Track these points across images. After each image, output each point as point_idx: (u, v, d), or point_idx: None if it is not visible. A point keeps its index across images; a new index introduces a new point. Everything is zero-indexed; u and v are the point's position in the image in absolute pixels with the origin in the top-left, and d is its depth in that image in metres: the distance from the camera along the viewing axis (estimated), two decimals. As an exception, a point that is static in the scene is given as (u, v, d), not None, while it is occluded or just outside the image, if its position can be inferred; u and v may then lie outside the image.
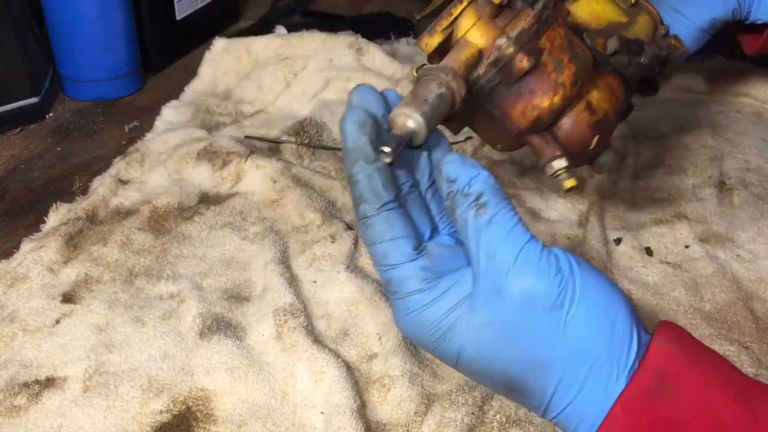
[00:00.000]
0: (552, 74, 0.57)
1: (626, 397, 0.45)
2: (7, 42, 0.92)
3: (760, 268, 0.73)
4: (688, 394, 0.44)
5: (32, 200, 0.83)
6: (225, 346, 0.62)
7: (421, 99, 0.50)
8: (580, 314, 0.46)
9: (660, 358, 0.45)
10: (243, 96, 1.02)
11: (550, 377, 0.46)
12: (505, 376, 0.47)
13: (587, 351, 0.46)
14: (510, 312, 0.46)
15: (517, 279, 0.46)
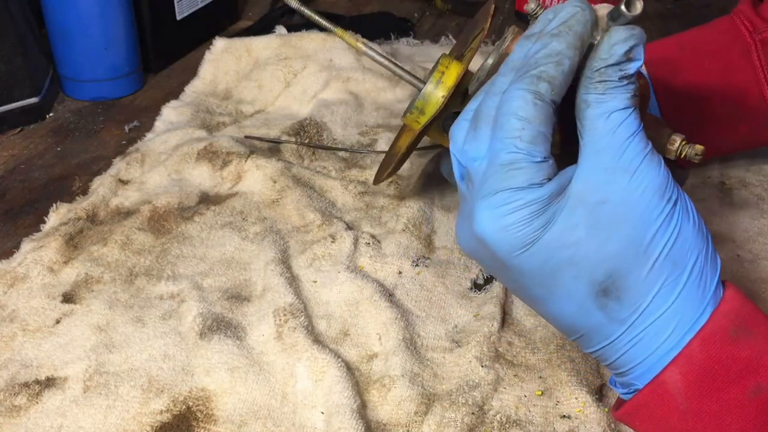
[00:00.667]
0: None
1: (705, 334, 0.44)
2: (7, 42, 0.92)
3: (760, 268, 0.73)
4: (764, 338, 0.45)
5: (32, 200, 0.83)
6: (225, 346, 0.62)
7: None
8: (685, 214, 0.46)
9: (737, 303, 0.46)
10: (243, 96, 1.02)
11: (657, 271, 0.45)
12: (609, 267, 0.45)
13: (693, 250, 0.46)
14: (625, 196, 0.45)
15: (634, 173, 0.45)
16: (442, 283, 0.71)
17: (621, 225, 0.45)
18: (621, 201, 0.45)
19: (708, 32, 0.74)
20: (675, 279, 0.45)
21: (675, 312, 0.45)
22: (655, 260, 0.45)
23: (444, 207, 0.81)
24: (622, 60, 0.47)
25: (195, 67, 1.06)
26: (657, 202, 0.45)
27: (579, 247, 0.45)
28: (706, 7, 1.36)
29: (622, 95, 0.46)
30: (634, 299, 0.45)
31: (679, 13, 1.34)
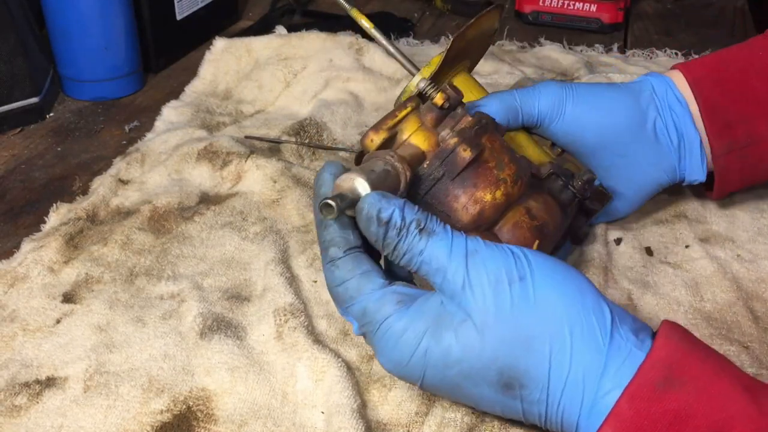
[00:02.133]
0: (494, 170, 0.58)
1: (632, 390, 0.45)
2: (7, 42, 0.92)
3: (760, 268, 0.73)
4: (695, 387, 0.44)
5: (32, 200, 0.83)
6: (225, 346, 0.62)
7: (367, 169, 0.52)
8: (544, 282, 0.48)
9: (667, 352, 0.46)
10: (243, 96, 1.02)
11: (539, 351, 0.47)
12: (497, 367, 0.47)
13: (564, 315, 0.47)
14: (478, 301, 0.47)
15: (475, 268, 0.48)
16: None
17: (488, 331, 0.47)
18: (479, 311, 0.48)
19: (748, 51, 0.73)
20: (560, 349, 0.47)
21: (576, 375, 0.46)
22: (530, 343, 0.47)
23: (444, 207, 0.81)
24: (380, 233, 0.49)
25: (195, 67, 1.06)
26: (509, 292, 0.47)
27: (461, 363, 0.48)
28: (706, 7, 1.36)
29: (416, 246, 0.49)
30: (536, 380, 0.47)
31: (679, 13, 1.35)
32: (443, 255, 0.49)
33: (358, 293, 0.51)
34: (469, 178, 0.57)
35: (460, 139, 0.56)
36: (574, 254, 0.75)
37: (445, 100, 0.57)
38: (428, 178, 0.57)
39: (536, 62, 1.13)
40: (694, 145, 0.71)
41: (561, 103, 0.69)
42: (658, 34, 1.26)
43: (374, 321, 0.50)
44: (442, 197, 0.57)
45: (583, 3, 1.26)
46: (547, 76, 1.07)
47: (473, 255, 0.48)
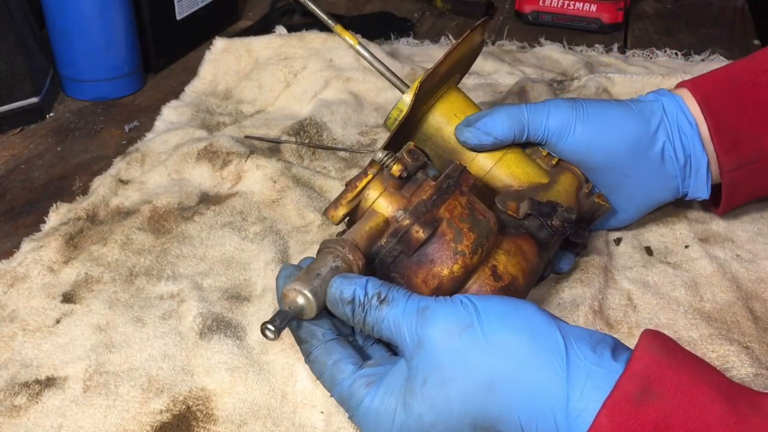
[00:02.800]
0: (451, 243, 0.58)
1: (611, 403, 0.45)
2: (7, 42, 0.92)
3: (760, 268, 0.73)
4: (673, 397, 0.45)
5: (32, 200, 0.83)
6: (225, 346, 0.62)
7: (313, 274, 0.53)
8: (492, 323, 0.49)
9: (644, 364, 0.46)
10: (243, 96, 1.02)
11: (502, 392, 0.47)
12: (469, 420, 0.48)
13: (517, 352, 0.47)
14: (435, 354, 0.48)
15: (426, 326, 0.49)
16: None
17: (449, 385, 0.48)
18: (435, 367, 0.49)
19: (754, 65, 0.72)
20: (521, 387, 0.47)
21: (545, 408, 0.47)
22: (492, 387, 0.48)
23: (444, 207, 0.81)
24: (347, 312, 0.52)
25: (195, 67, 1.06)
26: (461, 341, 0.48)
27: (436, 426, 0.49)
28: (706, 7, 1.36)
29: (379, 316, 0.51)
30: (508, 423, 0.48)
31: (679, 13, 1.35)
32: (399, 318, 0.51)
33: (333, 383, 0.53)
34: (425, 254, 0.58)
35: (413, 219, 0.57)
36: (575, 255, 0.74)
37: (403, 170, 0.58)
38: (388, 255, 0.58)
39: (536, 62, 1.13)
40: (700, 166, 0.71)
41: (570, 122, 0.68)
42: (658, 34, 1.26)
43: (350, 407, 0.52)
44: (402, 272, 0.58)
45: (583, 3, 1.26)
46: (548, 76, 1.07)
47: (423, 312, 0.50)
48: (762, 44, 1.20)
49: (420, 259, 0.58)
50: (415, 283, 0.58)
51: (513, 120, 0.67)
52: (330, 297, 0.53)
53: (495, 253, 0.61)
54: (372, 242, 0.57)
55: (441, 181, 0.59)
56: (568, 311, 0.67)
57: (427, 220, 0.57)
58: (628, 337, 0.65)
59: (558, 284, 0.71)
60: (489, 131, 0.67)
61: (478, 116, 0.68)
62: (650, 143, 0.69)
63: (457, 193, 0.60)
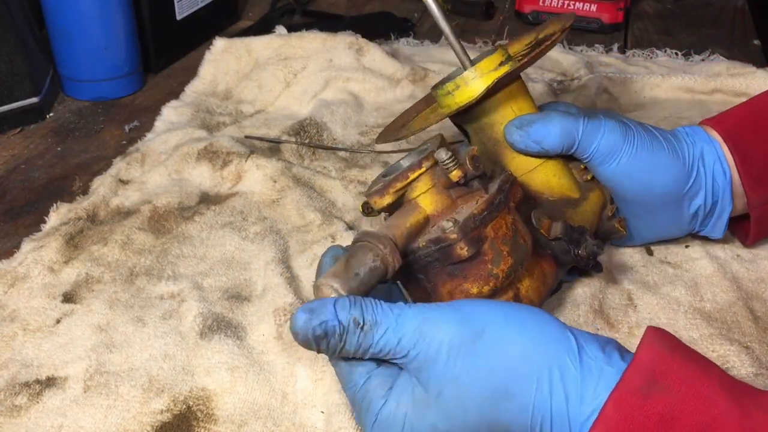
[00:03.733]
0: (489, 265, 0.57)
1: (618, 396, 0.45)
2: (7, 42, 0.92)
3: (760, 268, 0.73)
4: (679, 390, 0.45)
5: (32, 200, 0.83)
6: (225, 346, 0.62)
7: (352, 272, 0.51)
8: (504, 328, 0.48)
9: (650, 357, 0.46)
10: (243, 96, 1.02)
11: (518, 396, 0.47)
12: (485, 425, 0.48)
13: (531, 355, 0.47)
14: (448, 366, 0.48)
15: (432, 339, 0.48)
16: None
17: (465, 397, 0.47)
18: (446, 382, 0.48)
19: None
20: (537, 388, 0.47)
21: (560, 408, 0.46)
22: (507, 392, 0.47)
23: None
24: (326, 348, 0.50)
25: (195, 67, 1.06)
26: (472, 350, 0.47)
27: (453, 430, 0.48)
28: (706, 7, 1.36)
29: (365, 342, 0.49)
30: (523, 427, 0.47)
31: (679, 13, 1.35)
32: (393, 341, 0.49)
33: (350, 378, 0.52)
34: (460, 269, 0.57)
35: (461, 235, 0.55)
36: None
37: (462, 177, 0.56)
38: (423, 256, 0.56)
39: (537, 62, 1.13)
40: (724, 212, 0.71)
41: (618, 150, 0.66)
42: (658, 34, 1.26)
43: (361, 409, 0.51)
44: (431, 278, 0.57)
45: (583, 3, 1.26)
46: (548, 76, 1.07)
47: (428, 324, 0.48)
48: (762, 44, 1.20)
49: (453, 272, 0.56)
50: (440, 292, 0.57)
51: (566, 134, 0.65)
52: (299, 340, 0.49)
53: (521, 275, 0.60)
54: (410, 240, 0.56)
55: (493, 196, 0.57)
56: (569, 311, 0.67)
57: (473, 239, 0.55)
58: (628, 337, 0.65)
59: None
60: (539, 140, 0.64)
61: (531, 119, 0.65)
62: (685, 194, 0.69)
63: (505, 211, 0.58)
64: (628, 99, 1.01)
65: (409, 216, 0.56)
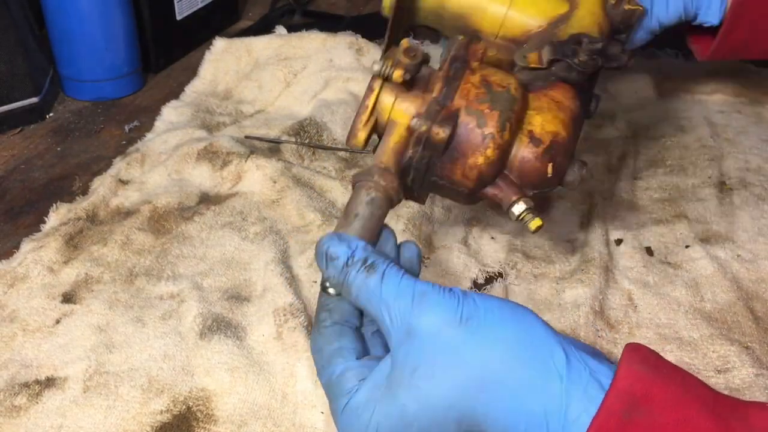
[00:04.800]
0: (476, 129, 0.55)
1: (599, 422, 0.44)
2: (7, 42, 0.92)
3: (760, 268, 0.73)
4: (660, 412, 0.44)
5: (32, 200, 0.83)
6: (225, 346, 0.62)
7: (351, 216, 0.52)
8: (493, 321, 0.47)
9: (629, 380, 0.45)
10: (243, 96, 1.02)
11: (494, 392, 0.46)
12: (455, 415, 0.47)
13: (516, 353, 0.46)
14: (427, 345, 0.47)
15: (420, 314, 0.47)
16: (442, 283, 0.71)
17: (437, 379, 0.46)
18: (426, 359, 0.47)
19: None
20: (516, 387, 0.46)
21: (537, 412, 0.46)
22: (484, 385, 0.46)
23: (444, 207, 0.81)
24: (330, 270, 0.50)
25: (195, 67, 1.06)
26: (455, 336, 0.47)
27: (419, 419, 0.47)
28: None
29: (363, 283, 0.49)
30: (497, 422, 0.46)
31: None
32: (389, 296, 0.48)
33: (328, 364, 0.51)
34: (455, 150, 0.56)
35: (429, 122, 0.54)
36: (576, 256, 0.74)
37: (404, 74, 0.55)
38: (420, 163, 0.56)
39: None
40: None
41: None
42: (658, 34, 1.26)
43: (334, 396, 0.50)
44: (441, 173, 0.57)
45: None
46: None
47: (420, 299, 0.48)
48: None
49: (453, 156, 0.56)
50: (457, 180, 0.57)
51: None
52: (317, 250, 0.50)
53: (528, 117, 0.58)
54: (401, 156, 0.56)
55: (447, 69, 0.57)
56: (569, 311, 0.67)
57: (444, 118, 0.55)
58: (628, 338, 0.66)
59: (558, 284, 0.71)
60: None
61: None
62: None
63: (468, 74, 0.57)
64: (628, 99, 1.01)
65: (389, 137, 0.56)
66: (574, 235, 0.78)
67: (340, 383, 0.50)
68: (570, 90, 0.60)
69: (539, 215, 0.56)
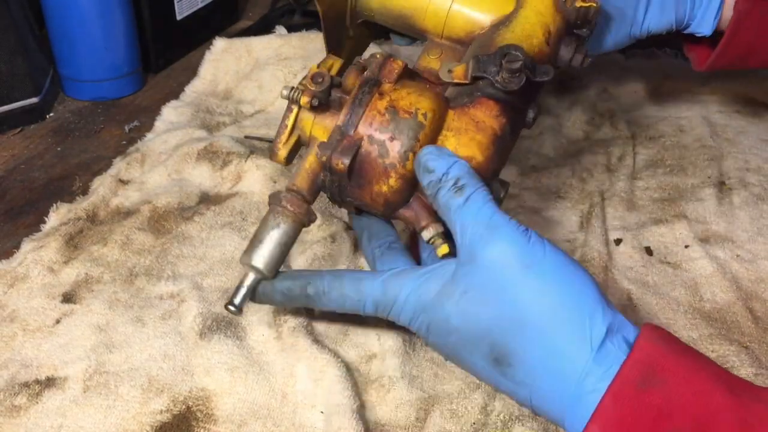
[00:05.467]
0: (378, 160, 0.55)
1: (615, 389, 0.45)
2: (7, 42, 0.92)
3: (759, 268, 0.73)
4: (676, 383, 0.45)
5: (32, 200, 0.83)
6: (225, 346, 0.62)
7: (256, 242, 0.55)
8: (551, 273, 0.49)
9: (647, 351, 0.46)
10: (243, 96, 1.02)
11: (529, 336, 0.48)
12: (489, 341, 0.49)
13: (560, 310, 0.48)
14: (484, 275, 0.49)
15: (488, 244, 0.50)
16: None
17: (485, 307, 0.49)
18: (480, 286, 0.49)
19: None
20: (548, 340, 0.48)
21: (561, 368, 0.47)
22: (522, 327, 0.48)
23: (444, 207, 0.81)
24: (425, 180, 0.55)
25: (195, 67, 1.06)
26: (513, 275, 0.49)
27: (459, 331, 0.50)
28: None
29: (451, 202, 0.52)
30: (521, 362, 0.48)
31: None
32: (467, 220, 0.51)
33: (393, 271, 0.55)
34: (360, 177, 0.56)
35: (329, 152, 0.55)
36: (576, 256, 0.74)
37: (312, 99, 0.56)
38: (332, 186, 0.57)
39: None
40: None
41: None
42: (658, 35, 1.26)
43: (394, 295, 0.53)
44: (352, 195, 0.58)
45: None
46: (547, 76, 1.07)
47: (492, 229, 0.50)
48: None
49: (359, 183, 0.57)
50: (367, 203, 0.57)
51: None
52: (417, 161, 0.54)
53: (443, 138, 0.56)
54: (315, 177, 0.57)
55: (355, 94, 0.56)
56: (568, 311, 0.67)
57: (344, 148, 0.55)
58: (628, 337, 0.66)
59: (558, 284, 0.71)
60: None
61: None
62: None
63: (376, 99, 0.56)
64: (628, 99, 1.01)
65: (306, 158, 0.57)
66: (574, 235, 0.78)
67: (399, 273, 0.54)
68: (494, 107, 0.57)
69: (448, 242, 0.56)
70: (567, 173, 0.87)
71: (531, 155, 0.91)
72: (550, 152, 0.91)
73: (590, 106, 0.98)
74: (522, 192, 0.84)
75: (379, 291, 0.54)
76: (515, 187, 0.85)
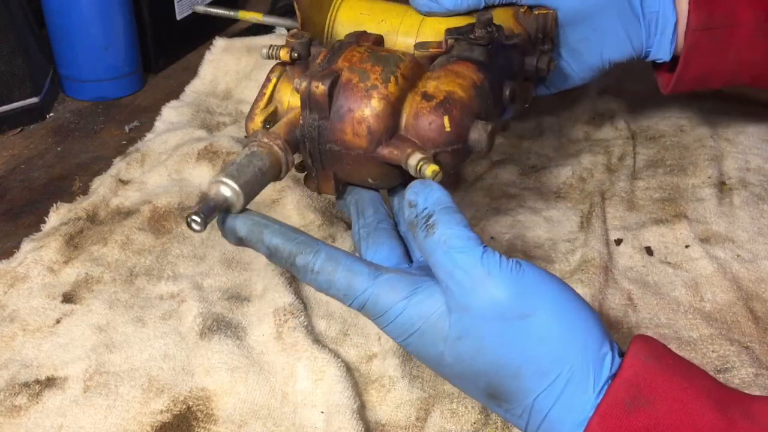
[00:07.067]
0: (359, 84, 0.55)
1: (602, 410, 0.45)
2: (7, 42, 0.92)
3: (760, 268, 0.73)
4: (663, 403, 0.45)
5: (32, 200, 0.83)
6: (225, 346, 0.62)
7: (229, 164, 0.51)
8: (549, 321, 0.47)
9: (634, 371, 0.46)
10: (243, 96, 1.02)
11: (527, 383, 0.47)
12: (485, 381, 0.48)
13: (561, 357, 0.47)
14: (479, 325, 0.47)
15: (480, 293, 0.47)
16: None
17: (479, 355, 0.47)
18: (476, 336, 0.47)
19: None
20: (548, 388, 0.47)
21: (559, 411, 0.46)
22: (519, 373, 0.47)
23: (444, 207, 0.81)
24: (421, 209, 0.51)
25: (195, 67, 1.06)
26: (509, 325, 0.47)
27: (452, 368, 0.49)
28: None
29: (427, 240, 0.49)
30: (518, 402, 0.48)
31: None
32: (450, 264, 0.47)
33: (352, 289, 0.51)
34: (340, 107, 0.55)
35: (309, 80, 0.54)
36: (576, 256, 0.74)
37: (290, 51, 0.56)
38: (311, 128, 0.56)
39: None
40: (668, 24, 0.72)
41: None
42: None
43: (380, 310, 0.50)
44: (331, 137, 0.56)
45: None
46: (547, 76, 1.07)
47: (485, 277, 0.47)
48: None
49: (339, 114, 0.55)
50: (348, 141, 0.56)
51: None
52: (407, 199, 0.51)
53: (423, 81, 0.57)
54: (293, 128, 0.56)
55: (334, 45, 0.58)
56: (569, 311, 0.67)
57: (323, 74, 0.55)
58: (628, 337, 0.65)
59: (558, 284, 0.71)
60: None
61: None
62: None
63: (354, 46, 0.58)
64: (627, 99, 1.01)
65: (286, 116, 0.58)
66: (574, 235, 0.78)
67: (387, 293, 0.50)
68: (471, 66, 0.59)
69: (432, 162, 0.55)
70: (567, 173, 0.87)
71: (531, 155, 0.91)
72: (550, 152, 0.91)
73: (590, 106, 0.98)
74: (522, 192, 0.84)
75: (369, 295, 0.50)
76: (515, 187, 0.85)
